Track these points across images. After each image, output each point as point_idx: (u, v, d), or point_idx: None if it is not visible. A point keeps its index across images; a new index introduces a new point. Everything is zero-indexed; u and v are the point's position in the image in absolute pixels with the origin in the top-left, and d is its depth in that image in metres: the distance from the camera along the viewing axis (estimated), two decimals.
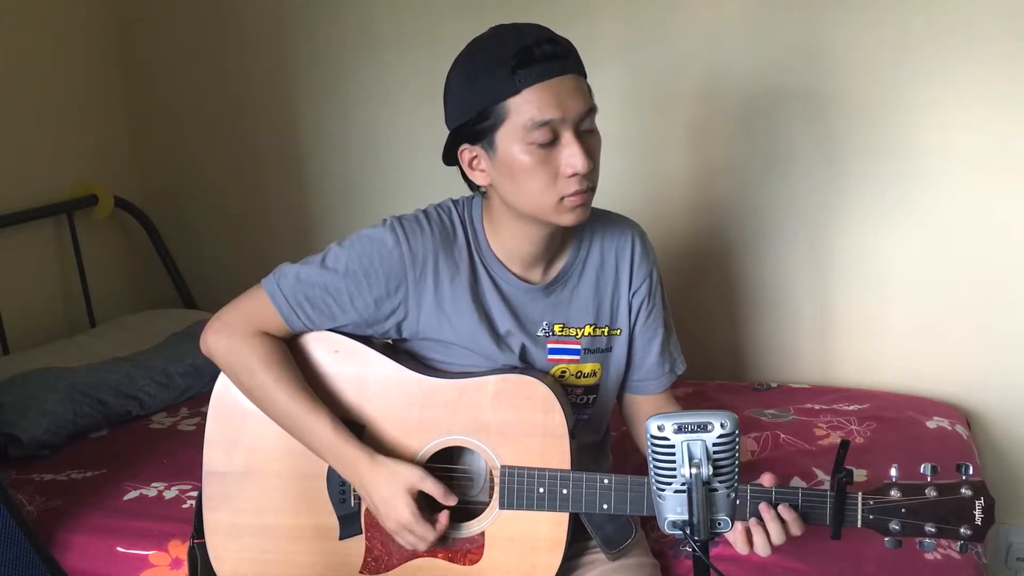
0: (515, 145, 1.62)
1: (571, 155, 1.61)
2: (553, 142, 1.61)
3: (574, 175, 1.62)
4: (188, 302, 3.57)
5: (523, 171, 1.63)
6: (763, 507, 1.60)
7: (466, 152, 1.71)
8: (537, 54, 1.59)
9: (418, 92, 3.19)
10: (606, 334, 1.88)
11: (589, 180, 1.65)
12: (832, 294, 2.94)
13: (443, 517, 1.72)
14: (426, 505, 1.72)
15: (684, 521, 1.29)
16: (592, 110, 1.64)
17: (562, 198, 1.64)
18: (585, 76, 1.66)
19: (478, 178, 1.72)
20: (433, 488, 1.70)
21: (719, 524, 1.31)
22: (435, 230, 1.78)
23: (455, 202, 1.85)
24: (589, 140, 1.65)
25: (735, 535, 1.61)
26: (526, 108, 1.59)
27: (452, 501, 1.71)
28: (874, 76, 2.74)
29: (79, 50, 3.40)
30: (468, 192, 1.85)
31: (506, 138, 1.63)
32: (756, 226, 2.96)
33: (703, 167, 2.99)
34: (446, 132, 1.72)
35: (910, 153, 2.75)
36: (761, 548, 1.60)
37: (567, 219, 1.67)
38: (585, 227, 1.85)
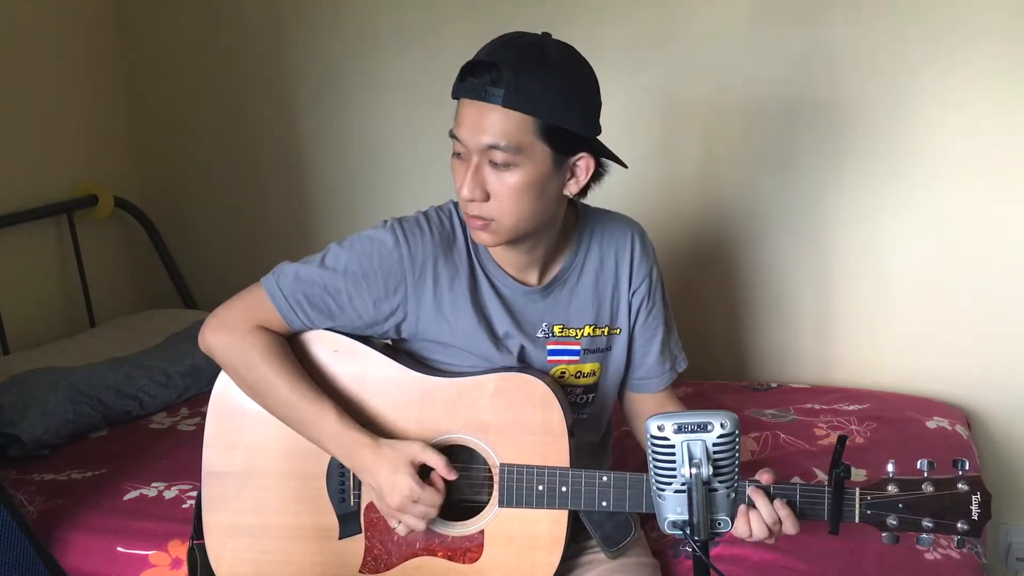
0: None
1: (462, 178, 1.65)
2: (466, 158, 1.66)
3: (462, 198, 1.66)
4: (188, 302, 3.57)
5: (453, 174, 1.70)
6: (751, 489, 1.60)
7: None
8: (475, 72, 1.62)
9: (419, 92, 3.18)
10: (606, 334, 1.87)
11: (481, 211, 1.66)
12: (832, 295, 2.93)
13: (437, 479, 1.71)
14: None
15: (684, 521, 1.30)
16: (497, 147, 1.61)
17: (465, 213, 1.69)
18: (535, 114, 1.60)
19: None
20: (435, 459, 1.71)
21: (719, 524, 1.31)
22: (435, 232, 1.78)
23: (456, 204, 1.84)
24: (495, 175, 1.64)
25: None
26: (456, 116, 1.66)
27: (452, 475, 1.71)
28: (873, 79, 2.74)
29: (79, 50, 3.40)
30: None
31: None
32: (757, 227, 2.96)
33: (704, 169, 2.98)
34: (445, 131, 1.72)
35: (909, 155, 2.74)
36: (758, 530, 1.60)
37: (472, 236, 1.73)
38: (584, 228, 1.86)
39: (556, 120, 1.62)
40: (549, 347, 1.84)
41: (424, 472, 1.72)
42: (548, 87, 1.60)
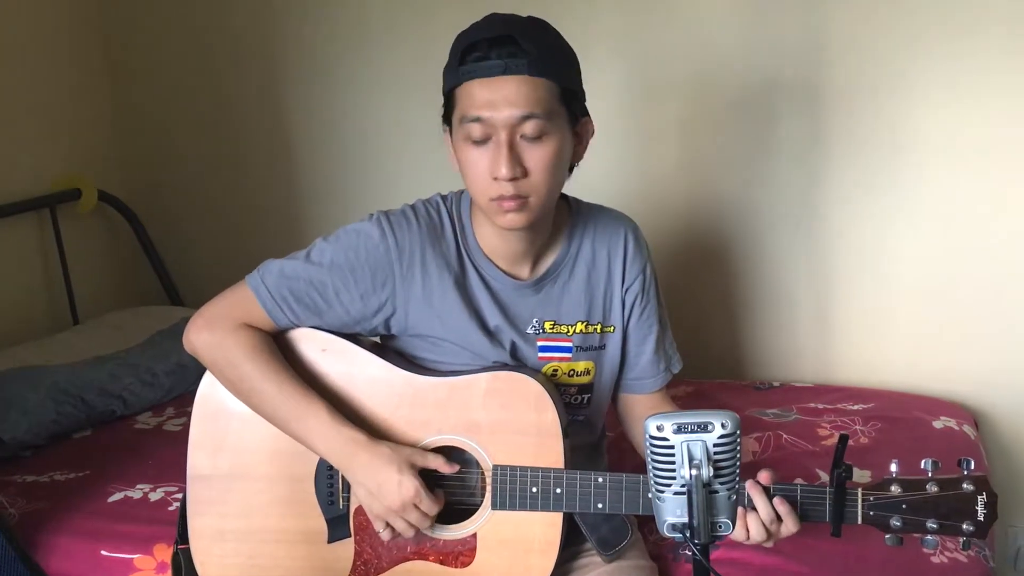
0: (458, 136, 1.67)
1: (495, 159, 1.62)
2: (487, 141, 1.63)
3: (497, 179, 1.63)
4: (174, 299, 3.56)
5: (463, 164, 1.68)
6: (749, 484, 1.60)
7: (447, 135, 1.74)
8: (487, 49, 1.60)
9: (409, 84, 3.18)
10: (599, 331, 1.87)
11: (519, 188, 1.64)
12: (835, 290, 2.93)
13: (440, 492, 1.72)
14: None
15: (684, 524, 1.29)
16: (533, 116, 1.61)
17: (491, 199, 1.66)
18: (552, 78, 1.63)
19: (453, 162, 1.74)
20: (434, 461, 1.72)
21: (720, 527, 1.30)
22: (423, 225, 1.78)
23: (444, 197, 1.85)
24: (529, 148, 1.64)
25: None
26: (465, 102, 1.64)
27: (454, 468, 1.72)
28: (874, 66, 2.73)
29: (62, 39, 3.39)
30: (458, 187, 1.84)
31: (454, 126, 1.68)
32: (755, 220, 2.95)
33: (699, 161, 2.98)
34: (437, 124, 1.72)
35: (914, 146, 2.73)
36: (756, 533, 1.59)
37: (500, 221, 1.69)
38: (576, 222, 1.86)
39: (570, 83, 1.66)
40: (540, 343, 1.84)
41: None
42: (558, 52, 1.66)
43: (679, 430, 1.25)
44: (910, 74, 2.70)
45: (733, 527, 1.31)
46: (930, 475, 1.58)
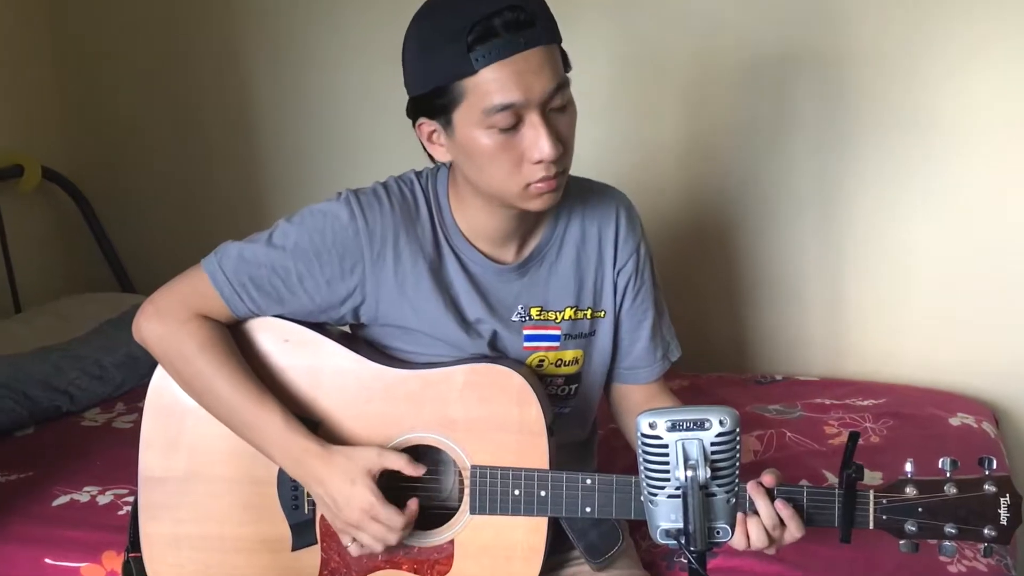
0: (474, 129, 1.60)
1: (536, 140, 1.58)
2: (516, 125, 1.59)
3: (540, 161, 1.59)
4: (124, 284, 3.56)
5: (483, 156, 1.62)
6: (751, 485, 1.60)
7: (424, 126, 1.69)
8: (497, 26, 1.53)
9: (379, 50, 3.12)
10: (589, 317, 1.86)
11: (559, 164, 1.62)
12: (845, 278, 2.93)
13: (413, 504, 1.70)
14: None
15: (679, 529, 1.29)
16: (562, 85, 1.59)
17: (528, 184, 1.63)
18: (558, 41, 1.61)
19: (438, 153, 1.71)
20: (395, 461, 1.69)
21: (717, 533, 1.30)
22: (396, 205, 1.76)
23: (418, 174, 1.83)
24: (560, 120, 1.61)
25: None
26: (484, 90, 1.56)
27: (419, 471, 1.70)
28: (891, 36, 2.73)
29: (3, 5, 3.36)
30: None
31: (464, 120, 1.60)
32: (759, 203, 2.95)
33: (700, 137, 2.98)
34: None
35: (932, 124, 2.74)
36: (757, 539, 1.60)
37: (535, 205, 1.66)
38: (564, 198, 1.83)
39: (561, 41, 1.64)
40: (526, 332, 1.83)
41: (390, 491, 1.70)
42: (547, 6, 1.61)
43: (673, 428, 1.25)
44: (928, 44, 2.70)
45: (732, 533, 1.31)
46: (948, 476, 1.58)
